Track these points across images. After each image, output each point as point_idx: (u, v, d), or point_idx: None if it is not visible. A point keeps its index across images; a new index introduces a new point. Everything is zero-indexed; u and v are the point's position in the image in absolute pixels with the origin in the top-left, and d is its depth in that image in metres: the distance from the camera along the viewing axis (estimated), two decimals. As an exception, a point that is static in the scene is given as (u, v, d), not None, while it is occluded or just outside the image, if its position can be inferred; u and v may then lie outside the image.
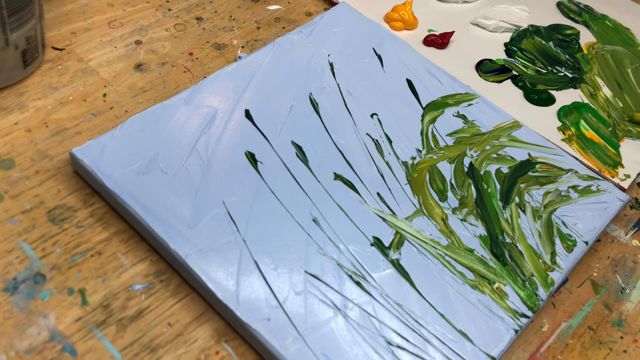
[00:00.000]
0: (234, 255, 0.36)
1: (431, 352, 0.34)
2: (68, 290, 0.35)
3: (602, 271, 0.42)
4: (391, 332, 0.35)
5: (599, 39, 0.58)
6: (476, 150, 0.45)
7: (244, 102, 0.44)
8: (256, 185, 0.39)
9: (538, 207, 0.42)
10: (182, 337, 0.34)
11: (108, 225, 0.38)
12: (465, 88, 0.49)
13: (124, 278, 0.36)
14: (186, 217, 0.37)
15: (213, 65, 0.49)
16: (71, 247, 0.36)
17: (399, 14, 0.55)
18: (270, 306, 0.34)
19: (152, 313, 0.35)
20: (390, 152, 0.43)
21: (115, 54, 0.48)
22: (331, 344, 0.34)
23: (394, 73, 0.49)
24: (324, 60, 0.48)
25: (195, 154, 0.40)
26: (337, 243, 0.38)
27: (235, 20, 0.53)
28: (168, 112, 0.42)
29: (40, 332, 0.33)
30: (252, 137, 0.42)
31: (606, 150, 0.49)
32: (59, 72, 0.45)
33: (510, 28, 0.58)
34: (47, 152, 0.41)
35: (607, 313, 0.40)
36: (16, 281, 0.35)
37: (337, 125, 0.44)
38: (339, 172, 0.41)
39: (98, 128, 0.43)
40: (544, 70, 0.54)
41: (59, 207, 0.38)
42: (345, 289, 0.36)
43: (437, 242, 0.39)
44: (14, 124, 0.42)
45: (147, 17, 0.51)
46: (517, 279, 0.38)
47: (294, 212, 0.39)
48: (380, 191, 0.41)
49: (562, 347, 0.38)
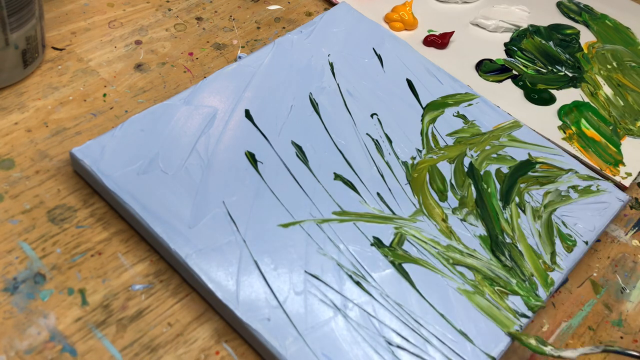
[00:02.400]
0: (234, 255, 0.36)
1: (431, 352, 0.34)
2: (68, 290, 0.35)
3: (602, 271, 0.42)
4: (391, 332, 0.35)
5: (599, 39, 0.58)
6: (476, 150, 0.45)
7: (244, 102, 0.44)
8: (256, 185, 0.39)
9: (538, 207, 0.42)
10: (182, 337, 0.34)
11: (108, 225, 0.38)
12: (465, 88, 0.49)
13: (124, 278, 0.36)
14: (186, 217, 0.37)
15: (213, 65, 0.49)
16: (71, 247, 0.37)
17: (398, 15, 0.55)
18: (270, 306, 0.34)
19: (152, 313, 0.35)
20: (390, 152, 0.43)
21: (115, 54, 0.48)
22: (331, 344, 0.34)
23: (394, 73, 0.49)
24: (324, 60, 0.48)
25: (195, 154, 0.40)
26: (337, 243, 0.38)
27: (235, 20, 0.53)
28: (168, 112, 0.42)
29: (40, 332, 0.33)
30: (252, 137, 0.42)
31: (607, 148, 0.49)
32: (59, 72, 0.45)
33: (510, 28, 0.57)
34: (47, 152, 0.41)
35: (607, 313, 0.40)
36: (16, 281, 0.35)
37: (337, 125, 0.44)
38: (339, 172, 0.41)
39: (98, 128, 0.43)
40: (544, 70, 0.54)
41: (59, 207, 0.38)
42: (345, 289, 0.36)
43: (437, 242, 0.39)
44: (14, 124, 0.42)
45: (147, 17, 0.51)
46: (519, 278, 0.38)
47: (294, 212, 0.39)
48: (380, 191, 0.41)
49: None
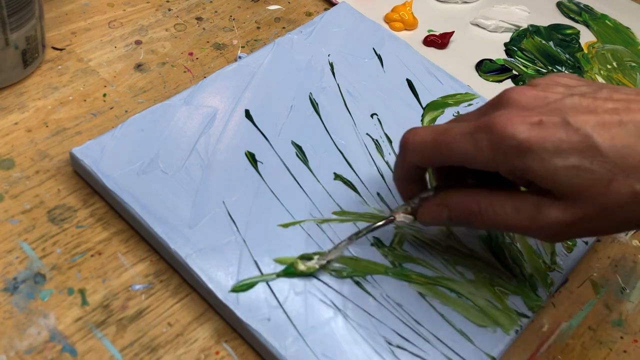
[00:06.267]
0: (234, 255, 0.36)
1: (431, 352, 0.34)
2: (68, 290, 0.35)
3: (602, 271, 0.42)
4: (391, 332, 0.35)
5: (599, 39, 0.58)
6: (476, 150, 0.45)
7: (244, 102, 0.44)
8: (256, 185, 0.39)
9: (538, 207, 0.42)
10: (182, 337, 0.34)
11: (108, 225, 0.38)
12: (465, 88, 0.49)
13: (124, 278, 0.36)
14: (186, 217, 0.37)
15: (213, 65, 0.49)
16: (71, 247, 0.37)
17: (398, 15, 0.55)
18: (270, 306, 0.34)
19: (152, 313, 0.35)
20: (390, 152, 0.43)
21: (115, 54, 0.48)
22: (331, 343, 0.34)
23: (394, 73, 0.49)
24: (324, 60, 0.48)
25: (195, 154, 0.40)
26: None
27: (235, 20, 0.53)
28: (168, 112, 0.42)
29: (40, 332, 0.33)
30: (252, 137, 0.42)
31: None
32: (59, 72, 0.45)
33: (510, 28, 0.58)
34: (47, 152, 0.41)
35: (607, 313, 0.40)
36: (16, 281, 0.35)
37: (337, 125, 0.44)
38: (339, 172, 0.41)
39: (98, 128, 0.43)
40: (544, 70, 0.54)
41: (59, 207, 0.38)
42: (345, 289, 0.36)
43: (437, 242, 0.39)
44: (14, 124, 0.42)
45: (147, 17, 0.51)
46: (519, 278, 0.38)
47: (294, 212, 0.39)
48: (380, 191, 0.41)
49: (562, 347, 0.38)
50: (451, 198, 0.34)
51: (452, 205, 0.34)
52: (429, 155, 0.33)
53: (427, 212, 0.35)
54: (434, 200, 0.35)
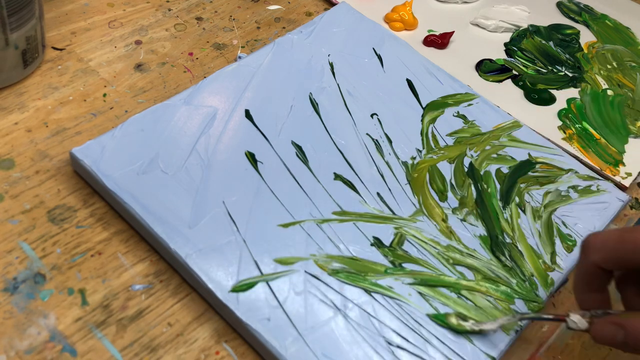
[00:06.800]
0: (234, 255, 0.36)
1: (431, 352, 0.34)
2: (68, 290, 0.35)
3: (602, 271, 0.42)
4: (391, 332, 0.35)
5: (599, 39, 0.58)
6: (476, 150, 0.45)
7: (244, 102, 0.44)
8: (256, 185, 0.39)
9: (538, 207, 0.42)
10: (182, 337, 0.34)
11: (108, 225, 0.38)
12: (465, 88, 0.49)
13: (124, 278, 0.36)
14: (186, 217, 0.37)
15: (213, 65, 0.49)
16: (71, 247, 0.36)
17: (398, 15, 0.55)
18: (270, 306, 0.34)
19: (152, 313, 0.35)
20: (390, 152, 0.43)
21: (115, 54, 0.48)
22: (331, 344, 0.34)
23: (394, 73, 0.49)
24: (324, 60, 0.48)
25: (195, 154, 0.40)
26: (337, 243, 0.38)
27: (235, 20, 0.53)
28: (168, 112, 0.42)
29: (40, 332, 0.33)
30: (252, 137, 0.42)
31: (607, 148, 0.49)
32: (59, 72, 0.45)
33: (510, 28, 0.57)
34: (47, 152, 0.41)
35: (607, 313, 0.40)
36: (16, 281, 0.35)
37: (337, 125, 0.44)
38: (339, 172, 0.41)
39: (98, 128, 0.43)
40: (544, 70, 0.54)
41: (59, 207, 0.38)
42: (345, 289, 0.36)
43: (437, 242, 0.39)
44: (14, 124, 0.42)
45: (147, 17, 0.51)
46: (519, 278, 0.38)
47: (294, 212, 0.39)
48: (380, 191, 0.41)
49: (562, 347, 0.38)
50: (632, 320, 0.30)
51: (631, 328, 0.30)
52: (614, 251, 0.30)
53: (600, 329, 0.31)
54: (611, 318, 0.31)
